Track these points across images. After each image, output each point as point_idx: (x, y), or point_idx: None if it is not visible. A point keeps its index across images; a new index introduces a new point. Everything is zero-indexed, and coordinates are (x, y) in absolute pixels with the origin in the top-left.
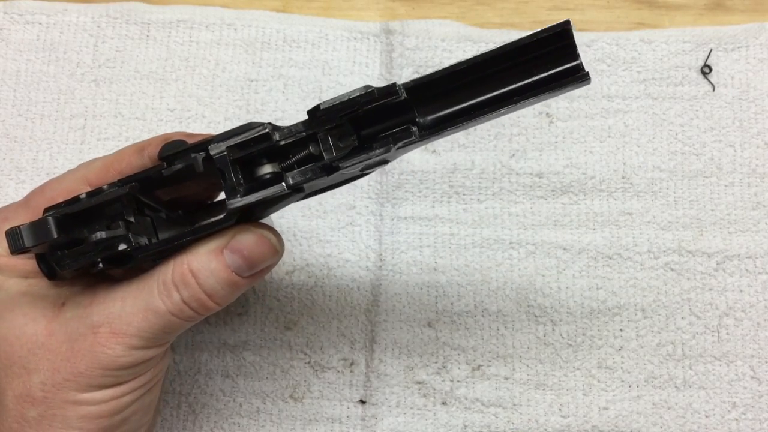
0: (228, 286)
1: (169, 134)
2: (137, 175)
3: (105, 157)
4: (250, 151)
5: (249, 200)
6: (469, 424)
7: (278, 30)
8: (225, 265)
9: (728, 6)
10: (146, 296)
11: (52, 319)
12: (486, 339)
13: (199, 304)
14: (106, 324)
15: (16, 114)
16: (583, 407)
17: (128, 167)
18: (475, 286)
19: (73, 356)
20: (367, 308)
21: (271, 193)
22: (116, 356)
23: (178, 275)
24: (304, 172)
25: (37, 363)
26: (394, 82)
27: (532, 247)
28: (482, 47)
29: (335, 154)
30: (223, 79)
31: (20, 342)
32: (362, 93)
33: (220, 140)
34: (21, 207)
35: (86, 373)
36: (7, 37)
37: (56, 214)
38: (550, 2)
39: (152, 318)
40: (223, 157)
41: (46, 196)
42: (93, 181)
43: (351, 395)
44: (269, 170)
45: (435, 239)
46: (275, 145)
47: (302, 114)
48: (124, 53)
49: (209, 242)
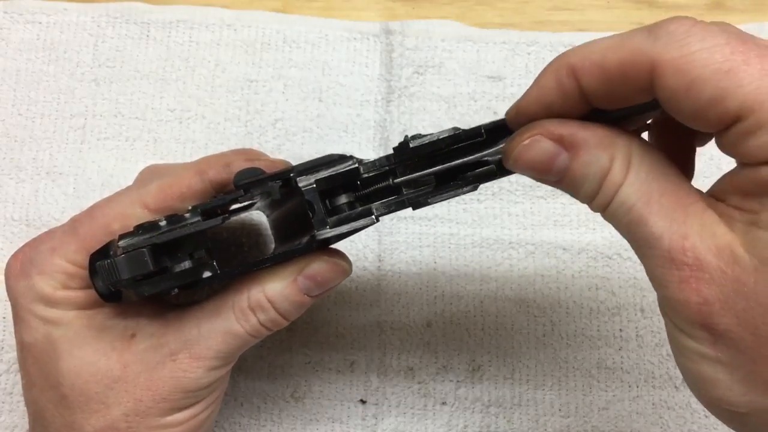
0: (300, 306)
1: (227, 157)
2: (215, 202)
3: (160, 180)
4: (335, 184)
5: (338, 231)
6: (470, 424)
7: (278, 30)
8: (299, 290)
9: (728, 6)
10: (223, 321)
11: (123, 351)
12: (486, 339)
13: (274, 324)
14: (185, 350)
15: (16, 113)
16: (583, 407)
17: (188, 191)
18: (475, 286)
19: (154, 384)
20: (366, 308)
21: (360, 225)
22: (197, 378)
23: (255, 302)
24: (388, 204)
25: (116, 397)
26: (480, 125)
27: (531, 247)
28: (482, 47)
29: (415, 188)
30: (222, 79)
31: (95, 378)
32: (450, 135)
33: (305, 172)
34: (68, 235)
35: (169, 398)
36: (7, 36)
37: (146, 245)
38: (550, 2)
39: (231, 340)
40: (312, 189)
41: (98, 222)
42: (150, 204)
43: (351, 395)
44: (344, 200)
45: (434, 239)
46: (357, 179)
47: (303, 114)
48: (124, 53)
49: (284, 270)
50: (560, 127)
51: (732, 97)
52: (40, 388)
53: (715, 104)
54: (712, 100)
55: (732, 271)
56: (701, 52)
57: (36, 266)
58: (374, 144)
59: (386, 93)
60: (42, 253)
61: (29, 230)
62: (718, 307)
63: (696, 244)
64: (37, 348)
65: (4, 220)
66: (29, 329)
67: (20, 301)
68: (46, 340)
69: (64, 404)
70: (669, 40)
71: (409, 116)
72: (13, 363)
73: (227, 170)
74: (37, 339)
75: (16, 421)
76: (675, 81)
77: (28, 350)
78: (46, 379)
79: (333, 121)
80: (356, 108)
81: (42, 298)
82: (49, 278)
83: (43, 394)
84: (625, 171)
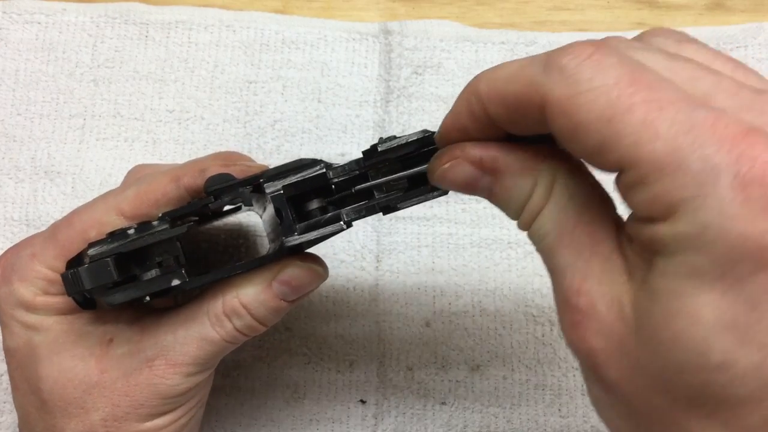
0: (276, 312)
1: (203, 163)
2: (184, 209)
3: (137, 186)
4: (305, 189)
5: (307, 238)
6: (469, 424)
7: (277, 31)
8: (274, 295)
9: (728, 6)
10: (198, 327)
11: (101, 356)
12: (484, 339)
13: (251, 329)
14: (161, 356)
15: (15, 113)
16: (582, 407)
17: (163, 197)
18: (473, 286)
19: (131, 390)
20: (365, 309)
21: (329, 231)
22: (174, 385)
23: (230, 308)
24: (358, 210)
25: (94, 402)
26: None
27: (530, 247)
28: (480, 47)
29: (386, 192)
30: (221, 80)
31: (73, 384)
32: (419, 137)
33: (273, 178)
34: (48, 241)
35: (146, 404)
36: (6, 36)
37: (111, 254)
38: (550, 2)
39: (207, 346)
40: (280, 195)
41: (75, 228)
42: (126, 211)
43: (351, 395)
44: (316, 205)
45: (433, 239)
46: (327, 184)
47: (302, 115)
48: (123, 53)
49: (258, 275)
50: (480, 151)
51: (613, 149)
52: (23, 392)
53: (599, 152)
54: (595, 147)
55: (618, 326)
56: (587, 94)
57: (17, 272)
58: None
59: (385, 93)
60: (22, 258)
61: (29, 230)
62: (604, 358)
63: (592, 289)
64: (20, 353)
65: (4, 220)
66: (12, 335)
67: (2, 306)
68: (27, 346)
69: (44, 409)
70: (559, 77)
71: (407, 116)
72: None
73: (202, 176)
74: (19, 344)
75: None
76: (561, 122)
77: (12, 355)
78: (27, 384)
79: (332, 121)
80: (355, 108)
81: (23, 303)
82: (29, 284)
83: (25, 398)
84: (545, 198)
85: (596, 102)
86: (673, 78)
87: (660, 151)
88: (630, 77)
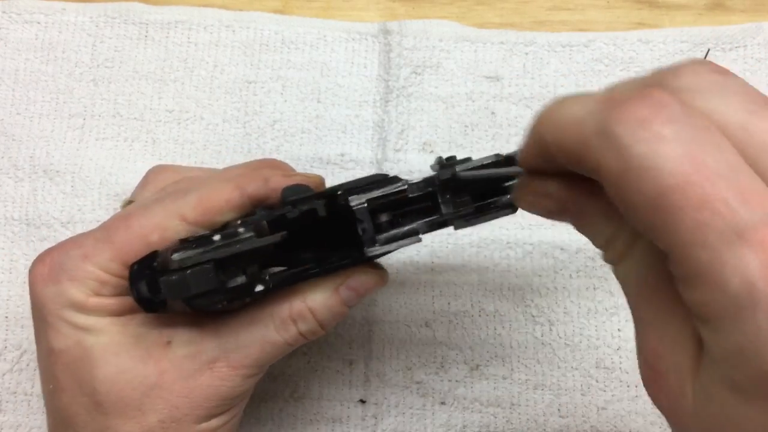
0: (339, 316)
1: (263, 171)
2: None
3: (198, 191)
4: (386, 204)
5: (387, 249)
6: (468, 424)
7: (276, 32)
8: (340, 300)
9: (728, 6)
10: (262, 330)
11: (160, 358)
12: (484, 339)
13: (313, 333)
14: (223, 358)
15: (15, 113)
16: (582, 407)
17: (227, 205)
18: (472, 286)
19: (191, 392)
20: (364, 308)
21: (407, 243)
22: (234, 386)
23: (297, 312)
24: (431, 224)
25: (152, 403)
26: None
27: (529, 247)
28: (480, 47)
29: (453, 210)
30: (221, 80)
31: (132, 385)
32: (493, 161)
33: (352, 192)
34: (102, 243)
35: (205, 405)
36: (6, 36)
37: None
38: (550, 2)
39: (268, 349)
40: (363, 209)
41: (134, 232)
42: (189, 217)
43: (350, 395)
44: (386, 218)
45: (432, 239)
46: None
47: (301, 115)
48: (122, 53)
49: (326, 281)
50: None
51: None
52: (71, 394)
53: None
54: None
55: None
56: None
57: (66, 272)
58: (372, 144)
59: (384, 93)
60: (73, 258)
61: (29, 229)
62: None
63: (665, 356)
64: (69, 355)
65: (4, 219)
66: (59, 336)
67: (49, 306)
68: (78, 347)
69: (98, 411)
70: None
71: (407, 116)
72: (16, 362)
73: (266, 186)
74: (69, 346)
75: (20, 420)
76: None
77: (57, 356)
78: (79, 386)
79: (331, 121)
80: (354, 109)
81: (73, 304)
82: (80, 284)
83: (75, 400)
84: (629, 246)
85: (648, 187)
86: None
87: (704, 261)
88: (690, 162)
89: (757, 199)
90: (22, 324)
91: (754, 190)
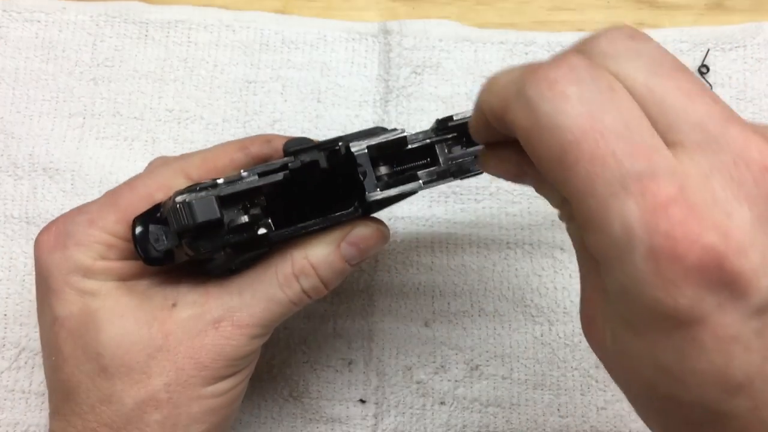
0: (341, 274)
1: (262, 137)
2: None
3: (202, 152)
4: (385, 152)
5: (388, 194)
6: (468, 424)
7: (276, 31)
8: (341, 256)
9: (728, 6)
10: (266, 288)
11: (165, 320)
12: (483, 339)
13: (316, 291)
14: (228, 318)
15: (15, 111)
16: (581, 407)
17: (231, 164)
18: (472, 286)
19: (197, 353)
20: (364, 308)
21: (408, 188)
22: (239, 346)
23: (299, 268)
24: (431, 173)
25: (158, 366)
26: None
27: (529, 247)
28: (479, 47)
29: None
30: (221, 80)
31: (137, 348)
32: None
33: (353, 140)
34: (107, 206)
35: (211, 365)
36: (6, 34)
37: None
38: (550, 2)
39: (273, 307)
40: (365, 154)
41: (139, 193)
42: (193, 175)
43: (350, 395)
44: (385, 171)
45: (432, 239)
46: (402, 149)
47: (301, 115)
48: (122, 52)
49: (327, 236)
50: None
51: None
52: (75, 362)
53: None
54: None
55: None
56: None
57: (72, 237)
58: None
59: (384, 93)
60: (79, 224)
61: (29, 227)
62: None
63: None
64: (74, 320)
65: (4, 217)
66: (64, 302)
67: (54, 273)
68: (83, 312)
69: (103, 376)
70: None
71: (407, 116)
72: (14, 360)
73: (269, 146)
74: (73, 311)
75: (18, 418)
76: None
77: (62, 324)
78: (84, 352)
79: (331, 121)
80: (354, 109)
81: (80, 269)
82: (87, 249)
83: (78, 368)
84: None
85: (551, 142)
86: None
87: (593, 209)
88: (587, 119)
89: (645, 153)
90: (20, 322)
91: (644, 145)
